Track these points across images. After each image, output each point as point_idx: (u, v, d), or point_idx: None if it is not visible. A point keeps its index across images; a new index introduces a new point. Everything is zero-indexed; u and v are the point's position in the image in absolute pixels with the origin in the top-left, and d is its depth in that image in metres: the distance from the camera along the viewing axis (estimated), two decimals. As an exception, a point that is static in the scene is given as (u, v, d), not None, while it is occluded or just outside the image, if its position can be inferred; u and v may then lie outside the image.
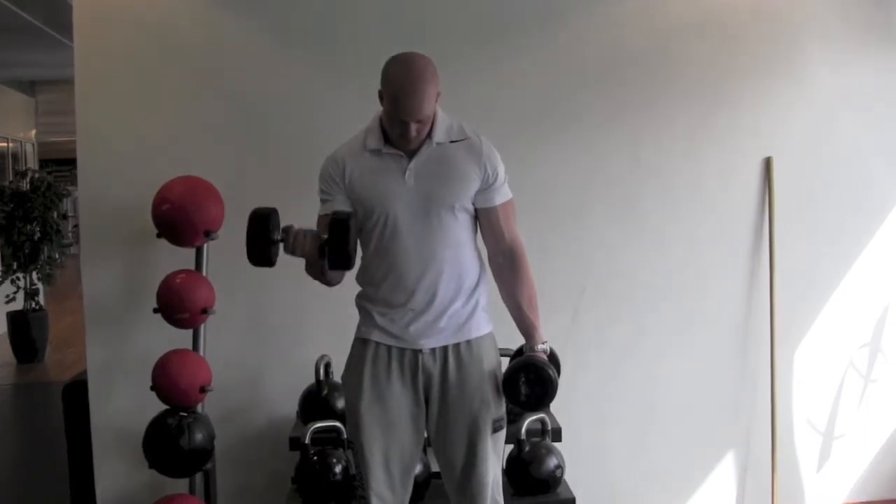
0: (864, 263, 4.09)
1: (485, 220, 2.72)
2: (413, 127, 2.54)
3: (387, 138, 2.63)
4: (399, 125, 2.54)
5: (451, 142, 2.65)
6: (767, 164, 3.99)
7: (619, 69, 3.94)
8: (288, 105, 3.84)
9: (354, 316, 2.77)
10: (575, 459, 3.66)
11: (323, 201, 2.71)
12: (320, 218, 2.71)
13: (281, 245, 2.55)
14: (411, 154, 2.62)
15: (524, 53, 3.89)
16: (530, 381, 2.66)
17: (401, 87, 2.50)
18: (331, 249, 2.49)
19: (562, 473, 3.47)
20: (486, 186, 2.67)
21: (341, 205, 2.67)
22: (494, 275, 2.77)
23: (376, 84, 2.57)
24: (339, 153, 2.71)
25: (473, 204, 2.69)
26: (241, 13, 3.84)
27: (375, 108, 2.68)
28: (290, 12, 3.81)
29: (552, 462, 3.44)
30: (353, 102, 3.58)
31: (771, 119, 4.01)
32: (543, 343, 2.74)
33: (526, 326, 2.75)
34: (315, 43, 3.83)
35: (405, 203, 2.61)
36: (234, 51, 3.83)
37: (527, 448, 3.42)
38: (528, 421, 3.42)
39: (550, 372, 2.67)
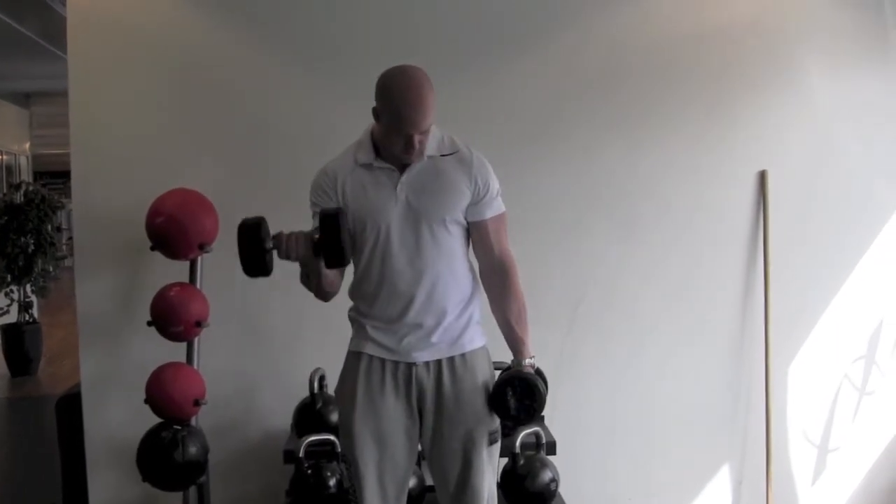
0: (859, 276, 4.09)
1: (475, 233, 2.70)
2: (417, 139, 2.51)
3: (377, 153, 2.62)
4: (404, 139, 2.51)
5: (443, 155, 2.63)
6: (762, 177, 3.99)
7: (616, 82, 3.95)
8: (283, 117, 3.85)
9: (348, 329, 2.76)
10: (570, 473, 3.65)
11: (315, 214, 2.67)
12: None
13: (275, 252, 2.50)
14: (402, 168, 2.61)
15: (520, 66, 3.89)
16: (517, 394, 2.64)
17: (406, 98, 2.48)
18: (325, 246, 2.46)
19: (556, 487, 3.46)
20: (478, 200, 2.65)
21: None
22: (485, 288, 2.75)
23: (372, 95, 2.56)
24: (331, 167, 2.68)
25: (465, 217, 2.67)
26: (237, 25, 3.85)
27: (371, 120, 2.67)
28: (286, 25, 3.82)
29: (547, 476, 3.43)
30: (349, 113, 3.57)
31: (767, 131, 4.01)
32: (531, 358, 2.72)
33: (514, 341, 2.72)
34: (311, 55, 3.84)
35: (397, 217, 2.60)
36: (229, 63, 3.84)
37: (521, 461, 3.41)
38: (523, 434, 3.41)
39: (538, 382, 2.66)
